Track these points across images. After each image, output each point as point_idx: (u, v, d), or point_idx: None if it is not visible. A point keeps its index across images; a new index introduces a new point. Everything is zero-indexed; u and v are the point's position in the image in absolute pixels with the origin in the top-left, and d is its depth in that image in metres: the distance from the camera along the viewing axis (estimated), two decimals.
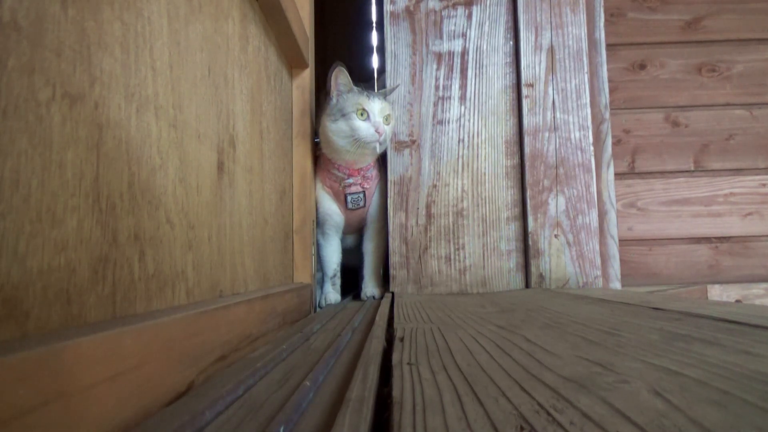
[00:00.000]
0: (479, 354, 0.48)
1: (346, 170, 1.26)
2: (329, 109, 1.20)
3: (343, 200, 1.29)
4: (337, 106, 1.20)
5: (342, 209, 1.30)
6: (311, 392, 0.41)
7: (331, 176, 1.27)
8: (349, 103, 1.18)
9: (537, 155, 1.38)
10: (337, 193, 1.28)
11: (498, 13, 1.45)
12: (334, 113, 1.19)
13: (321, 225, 1.30)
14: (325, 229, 1.31)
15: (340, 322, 0.88)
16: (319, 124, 1.23)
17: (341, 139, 1.19)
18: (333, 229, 1.32)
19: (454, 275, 1.38)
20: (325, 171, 1.27)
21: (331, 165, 1.26)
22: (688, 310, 0.69)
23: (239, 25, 0.76)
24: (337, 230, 1.33)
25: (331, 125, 1.19)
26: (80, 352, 0.31)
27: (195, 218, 0.57)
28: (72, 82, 0.36)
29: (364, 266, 1.38)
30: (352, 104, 1.18)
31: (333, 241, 1.33)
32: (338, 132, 1.19)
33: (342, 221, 1.32)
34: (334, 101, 1.20)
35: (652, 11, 1.75)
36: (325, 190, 1.29)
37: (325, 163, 1.27)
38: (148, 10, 0.47)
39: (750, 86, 1.74)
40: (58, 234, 0.34)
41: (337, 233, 1.33)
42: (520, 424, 0.28)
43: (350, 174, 1.26)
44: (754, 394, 0.31)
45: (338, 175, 1.26)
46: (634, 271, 1.70)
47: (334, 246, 1.33)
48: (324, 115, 1.21)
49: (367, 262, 1.37)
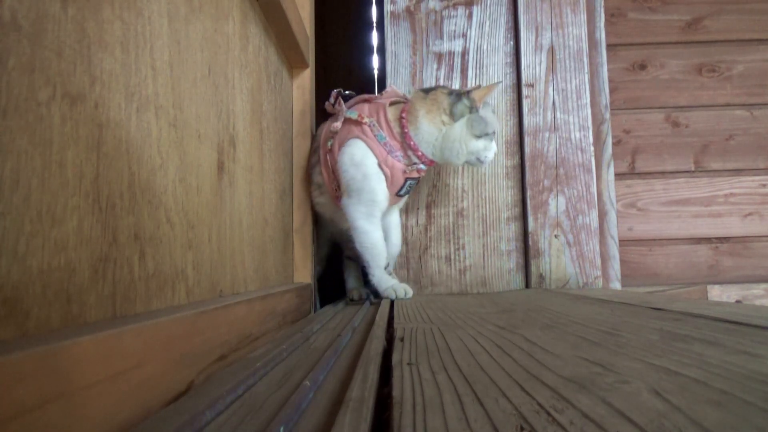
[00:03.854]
0: (479, 354, 0.48)
1: (425, 159, 1.16)
2: (475, 121, 1.12)
3: (399, 184, 1.17)
4: (483, 121, 1.13)
5: (390, 192, 1.17)
6: (311, 392, 0.41)
7: (400, 156, 1.14)
8: (491, 123, 1.14)
9: (537, 155, 1.38)
10: (396, 174, 1.15)
11: (498, 13, 1.45)
12: (477, 126, 1.12)
13: (368, 205, 1.14)
14: (375, 212, 1.15)
15: (340, 322, 0.88)
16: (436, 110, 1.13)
17: (462, 150, 1.13)
18: (379, 213, 1.17)
19: (454, 275, 1.38)
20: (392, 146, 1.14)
21: (411, 148, 1.14)
22: (688, 310, 0.69)
23: (239, 24, 0.76)
24: (380, 215, 1.18)
25: (467, 136, 1.12)
26: (80, 351, 0.31)
27: (195, 218, 0.57)
28: (72, 82, 0.36)
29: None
30: (492, 125, 1.14)
31: (380, 226, 1.18)
32: (470, 145, 1.13)
33: (385, 206, 1.19)
34: (480, 114, 1.13)
35: (653, 11, 1.75)
36: (383, 168, 1.14)
37: (397, 141, 1.14)
38: (148, 9, 0.47)
39: (750, 87, 1.74)
40: (58, 233, 0.34)
41: (380, 218, 1.19)
42: (520, 424, 0.28)
43: (424, 163, 1.17)
44: (754, 394, 0.31)
45: (412, 159, 1.15)
46: (634, 271, 1.70)
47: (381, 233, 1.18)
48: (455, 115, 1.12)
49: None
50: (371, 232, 1.15)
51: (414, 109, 1.14)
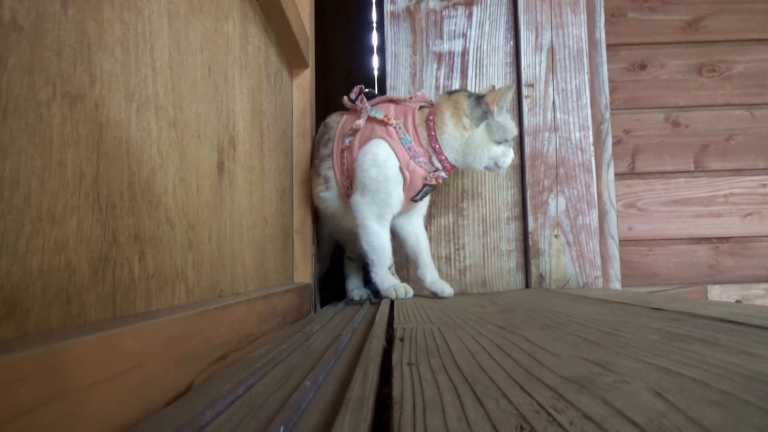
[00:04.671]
0: (479, 354, 0.48)
1: (447, 164, 1.15)
2: (493, 126, 1.12)
3: (416, 189, 1.15)
4: (500, 126, 1.12)
5: (405, 196, 1.15)
6: (311, 392, 0.41)
7: (422, 161, 1.13)
8: (510, 129, 1.14)
9: (537, 155, 1.38)
10: (415, 178, 1.13)
11: (498, 13, 1.45)
12: (496, 131, 1.12)
13: (381, 206, 1.13)
14: (386, 214, 1.15)
15: (340, 322, 0.88)
16: (458, 114, 1.12)
17: (484, 156, 1.13)
18: (390, 216, 1.16)
19: (454, 275, 1.38)
20: (416, 152, 1.12)
21: (435, 152, 1.13)
22: (688, 310, 0.69)
23: (239, 24, 0.76)
24: (390, 218, 1.17)
25: (488, 142, 1.12)
26: (80, 351, 0.31)
27: (195, 218, 0.57)
28: (72, 82, 0.36)
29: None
30: (512, 131, 1.14)
31: (388, 228, 1.17)
32: (491, 151, 1.13)
33: (397, 210, 1.18)
34: (497, 119, 1.12)
35: (653, 11, 1.75)
36: (403, 171, 1.12)
37: (422, 147, 1.13)
38: (148, 9, 0.47)
39: (750, 86, 1.74)
40: (58, 233, 0.34)
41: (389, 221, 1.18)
42: (520, 424, 0.28)
43: (445, 169, 1.15)
44: (754, 394, 0.31)
45: (435, 164, 1.14)
46: (634, 271, 1.70)
47: (388, 235, 1.17)
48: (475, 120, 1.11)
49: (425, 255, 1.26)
50: (380, 233, 1.14)
51: (441, 111, 1.13)
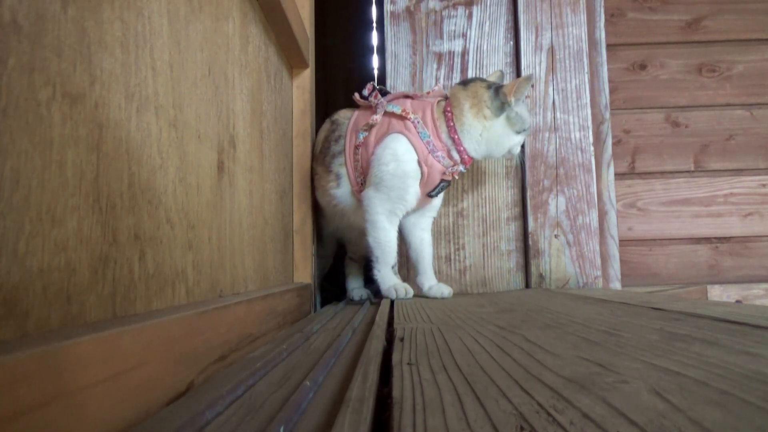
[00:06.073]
0: (479, 354, 0.48)
1: (465, 156, 1.13)
2: (512, 117, 1.11)
3: (433, 184, 1.13)
4: (519, 116, 1.12)
5: (421, 192, 1.14)
6: (311, 392, 0.41)
7: (441, 156, 1.11)
8: (527, 117, 1.14)
9: (537, 155, 1.38)
10: (433, 173, 1.12)
11: (498, 13, 1.45)
12: (516, 122, 1.12)
13: (395, 202, 1.11)
14: (398, 211, 1.13)
15: (340, 322, 0.88)
16: (477, 104, 1.11)
17: (505, 145, 1.14)
18: (402, 213, 1.15)
19: (454, 275, 1.38)
20: (435, 146, 1.11)
21: (454, 143, 1.12)
22: (688, 310, 0.69)
23: (239, 24, 0.76)
24: (402, 215, 1.16)
25: (510, 132, 1.12)
26: (80, 352, 0.31)
27: (195, 218, 0.57)
28: (72, 82, 0.36)
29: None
30: (528, 121, 1.14)
31: (397, 226, 1.16)
32: (511, 140, 1.13)
33: (412, 207, 1.16)
34: (515, 110, 1.11)
35: (653, 11, 1.75)
36: (421, 166, 1.11)
37: (440, 141, 1.11)
38: (148, 9, 0.47)
39: (750, 86, 1.74)
40: (58, 234, 0.34)
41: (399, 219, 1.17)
42: (520, 424, 0.28)
43: (463, 161, 1.14)
44: (754, 394, 0.31)
45: (454, 158, 1.12)
46: (634, 271, 1.70)
47: (396, 234, 1.16)
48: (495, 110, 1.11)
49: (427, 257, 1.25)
50: (388, 230, 1.13)
51: (459, 103, 1.12)
